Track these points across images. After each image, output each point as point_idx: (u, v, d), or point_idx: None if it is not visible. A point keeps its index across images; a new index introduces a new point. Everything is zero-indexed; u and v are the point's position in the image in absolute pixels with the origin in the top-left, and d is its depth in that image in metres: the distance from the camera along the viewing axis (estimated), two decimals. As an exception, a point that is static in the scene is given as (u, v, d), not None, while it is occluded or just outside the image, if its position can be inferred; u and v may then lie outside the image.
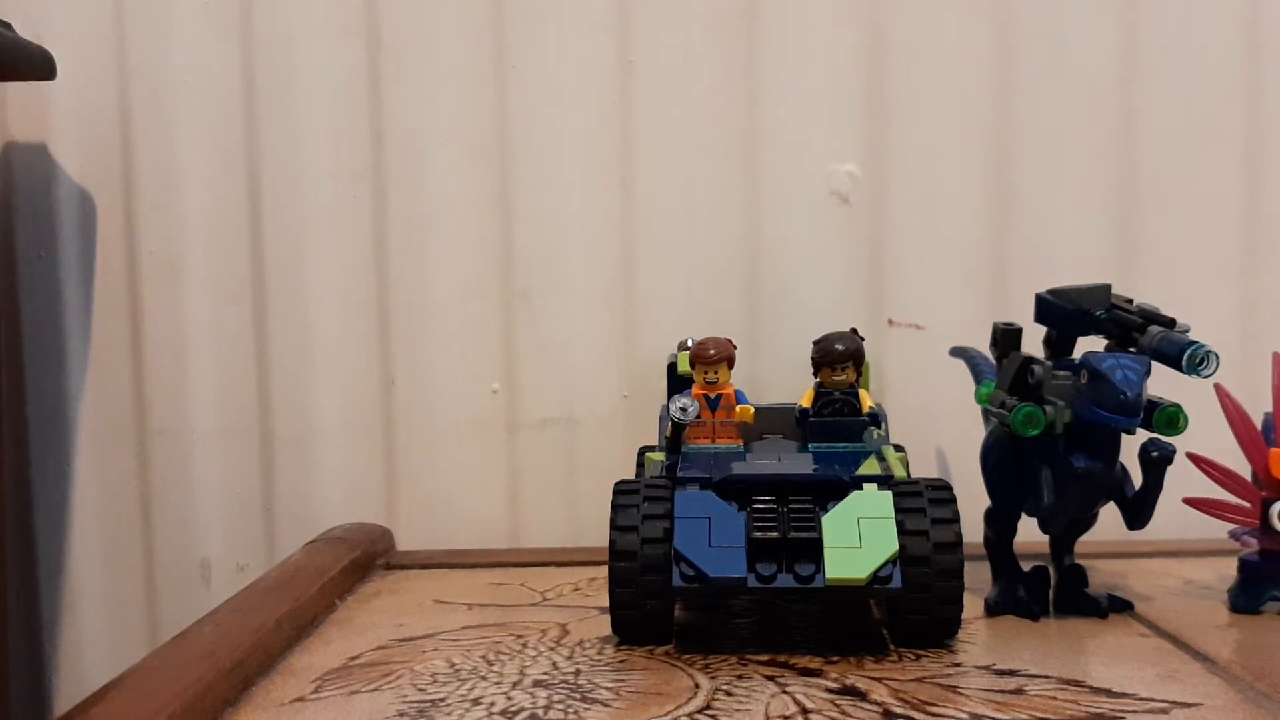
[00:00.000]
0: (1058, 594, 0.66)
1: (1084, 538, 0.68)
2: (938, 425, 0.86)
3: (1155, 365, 0.61)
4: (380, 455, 0.89)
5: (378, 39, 0.87)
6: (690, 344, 0.70)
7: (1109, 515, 0.65)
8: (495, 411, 0.89)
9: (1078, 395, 0.60)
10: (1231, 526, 0.66)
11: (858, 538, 0.57)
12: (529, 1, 0.87)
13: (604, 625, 0.63)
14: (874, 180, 0.87)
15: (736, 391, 0.70)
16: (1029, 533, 0.67)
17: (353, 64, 0.87)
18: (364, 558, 0.79)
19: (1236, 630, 0.62)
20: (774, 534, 0.57)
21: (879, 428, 0.69)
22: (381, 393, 0.89)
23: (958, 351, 0.80)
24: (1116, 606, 0.66)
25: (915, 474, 0.71)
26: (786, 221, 0.87)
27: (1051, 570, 0.67)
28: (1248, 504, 0.65)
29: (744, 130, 0.87)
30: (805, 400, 0.69)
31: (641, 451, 0.76)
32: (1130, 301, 0.65)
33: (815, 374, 0.69)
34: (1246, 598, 0.65)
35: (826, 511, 0.58)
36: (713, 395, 0.70)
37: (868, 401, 0.69)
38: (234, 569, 0.89)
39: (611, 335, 0.88)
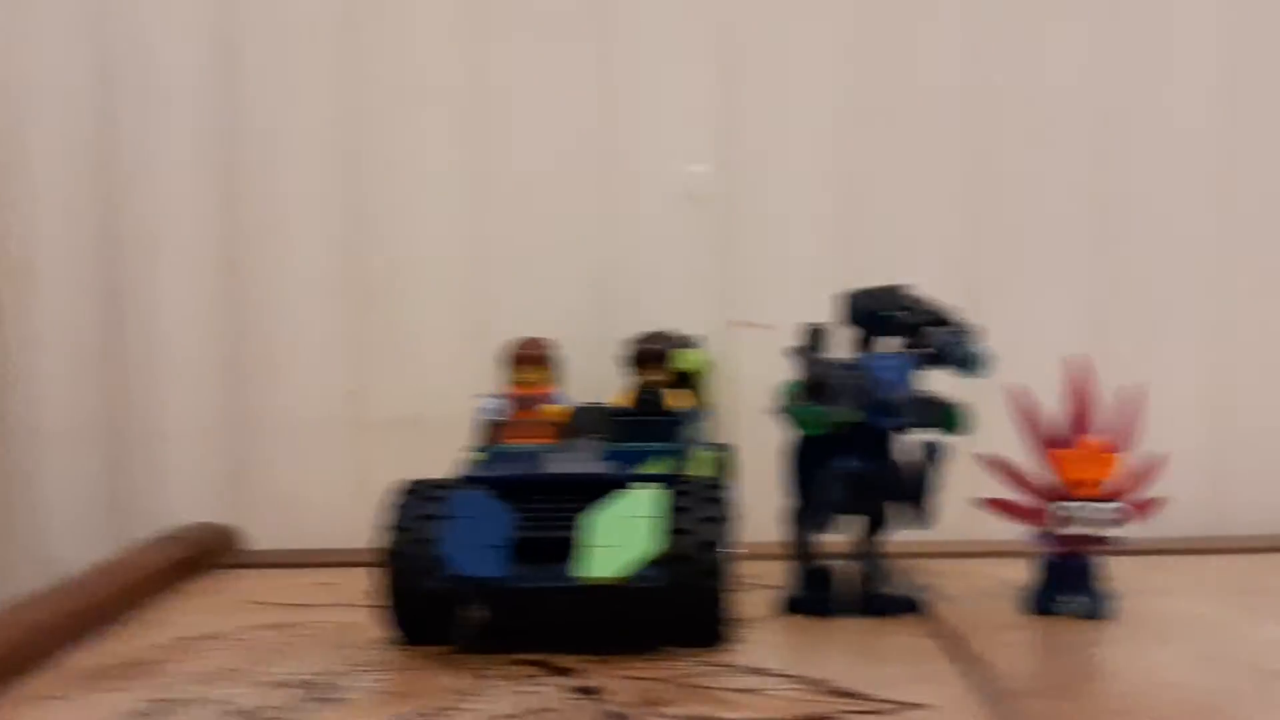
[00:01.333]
0: (857, 593, 0.66)
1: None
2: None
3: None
4: (233, 455, 0.89)
5: (233, 42, 0.87)
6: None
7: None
8: (347, 411, 0.88)
9: (855, 395, 0.60)
10: (1022, 527, 0.65)
11: (620, 537, 0.57)
12: (383, 6, 0.87)
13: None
14: (726, 181, 0.87)
15: (555, 392, 0.70)
16: (835, 532, 0.67)
17: (210, 65, 0.87)
18: (193, 556, 0.79)
19: (1019, 632, 0.63)
20: (536, 533, 0.57)
21: (695, 427, 0.69)
22: (234, 392, 0.88)
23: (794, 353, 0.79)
24: (913, 607, 0.65)
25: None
26: (638, 222, 0.87)
27: (857, 569, 0.66)
28: (1036, 504, 0.65)
29: (598, 131, 0.87)
30: (622, 399, 0.70)
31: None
32: (922, 301, 0.65)
33: (631, 373, 0.70)
34: (1037, 600, 0.65)
35: (597, 511, 0.58)
36: (528, 395, 0.70)
37: (684, 400, 0.69)
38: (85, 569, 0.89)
39: (463, 335, 0.88)
